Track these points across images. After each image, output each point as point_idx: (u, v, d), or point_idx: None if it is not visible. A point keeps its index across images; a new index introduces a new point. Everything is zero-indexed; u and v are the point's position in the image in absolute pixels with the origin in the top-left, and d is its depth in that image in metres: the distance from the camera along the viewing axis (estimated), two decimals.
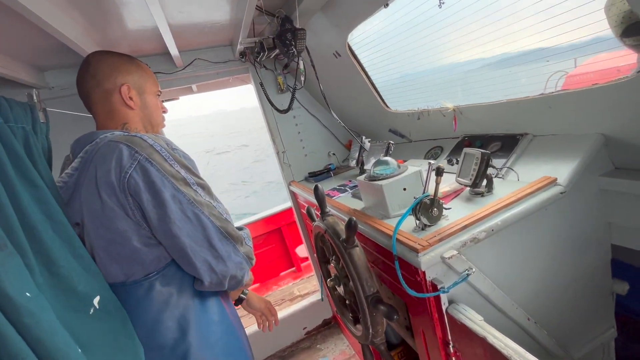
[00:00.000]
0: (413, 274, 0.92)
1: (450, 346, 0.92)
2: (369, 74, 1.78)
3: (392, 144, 1.63)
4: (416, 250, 0.88)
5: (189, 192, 0.81)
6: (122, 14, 1.21)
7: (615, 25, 0.89)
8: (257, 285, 3.37)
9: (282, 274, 3.50)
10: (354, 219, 0.95)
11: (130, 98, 0.94)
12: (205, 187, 0.87)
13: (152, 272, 0.83)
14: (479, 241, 0.91)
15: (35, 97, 0.95)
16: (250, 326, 2.39)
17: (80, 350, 0.59)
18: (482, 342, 0.75)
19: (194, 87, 2.34)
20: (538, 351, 1.09)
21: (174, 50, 1.57)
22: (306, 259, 3.44)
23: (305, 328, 2.50)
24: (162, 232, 0.79)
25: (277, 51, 1.58)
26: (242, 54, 1.88)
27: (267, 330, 1.27)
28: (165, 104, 1.12)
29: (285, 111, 1.88)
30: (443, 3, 1.15)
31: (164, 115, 1.10)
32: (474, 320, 0.80)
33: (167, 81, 1.86)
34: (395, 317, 0.93)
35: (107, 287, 0.80)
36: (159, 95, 1.06)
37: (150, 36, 1.45)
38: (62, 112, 1.27)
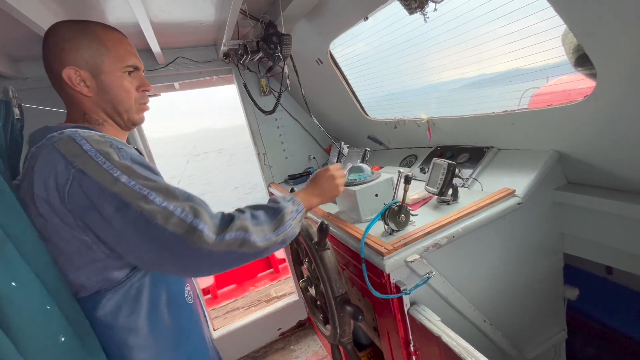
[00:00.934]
0: (379, 276, 0.97)
1: (411, 345, 0.98)
2: (354, 88, 1.84)
3: (369, 150, 1.68)
4: (382, 254, 0.93)
5: (136, 202, 0.64)
6: (103, 8, 1.20)
7: (569, 54, 0.97)
8: (233, 286, 3.35)
9: (260, 275, 3.49)
10: (326, 222, 0.99)
11: (84, 82, 0.76)
12: (156, 188, 0.67)
13: (95, 292, 0.72)
14: (440, 246, 0.97)
15: (11, 93, 0.92)
16: (224, 327, 2.39)
17: (63, 339, 0.60)
18: (438, 340, 0.80)
19: (176, 84, 2.32)
20: (493, 351, 1.16)
21: (155, 47, 1.56)
22: (283, 260, 3.45)
23: (279, 329, 2.51)
24: (120, 251, 0.69)
25: (260, 54, 1.60)
26: (226, 55, 1.89)
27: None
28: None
29: (270, 112, 1.91)
30: (428, 17, 1.20)
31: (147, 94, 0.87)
32: (432, 321, 0.86)
33: (148, 78, 1.84)
34: (360, 317, 0.97)
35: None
36: (131, 71, 0.82)
37: (132, 32, 1.44)
38: (39, 107, 1.24)
